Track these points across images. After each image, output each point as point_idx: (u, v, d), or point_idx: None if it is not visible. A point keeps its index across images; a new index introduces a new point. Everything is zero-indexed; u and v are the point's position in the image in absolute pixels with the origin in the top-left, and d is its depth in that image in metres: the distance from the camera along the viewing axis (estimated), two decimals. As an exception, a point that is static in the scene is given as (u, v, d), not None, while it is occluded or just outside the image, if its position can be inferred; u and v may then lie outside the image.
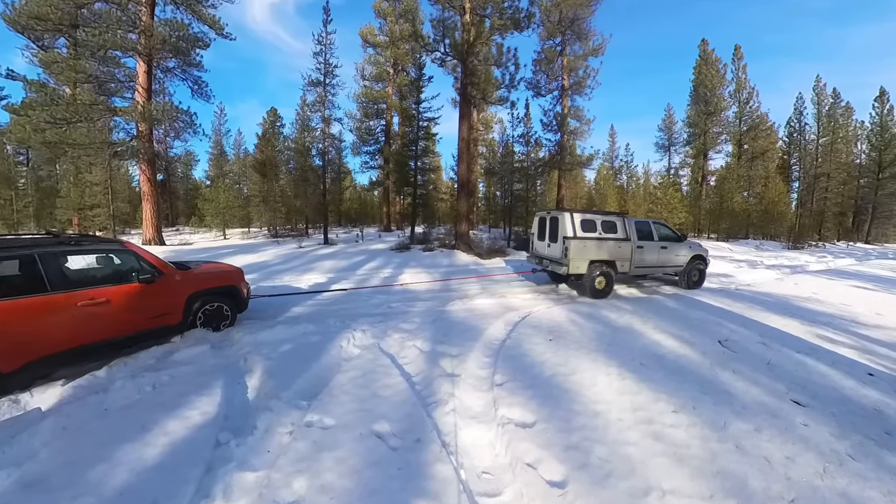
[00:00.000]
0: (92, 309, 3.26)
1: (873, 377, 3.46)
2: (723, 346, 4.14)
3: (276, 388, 3.01)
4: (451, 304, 6.03)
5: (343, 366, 3.45)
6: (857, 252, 22.18)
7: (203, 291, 4.26)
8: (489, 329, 4.65)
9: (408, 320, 4.95)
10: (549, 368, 3.47)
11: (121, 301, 3.48)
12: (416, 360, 3.64)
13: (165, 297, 3.87)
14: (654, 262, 7.75)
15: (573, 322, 5.01)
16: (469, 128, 14.38)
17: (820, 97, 31.26)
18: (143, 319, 3.69)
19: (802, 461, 2.23)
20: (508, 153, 20.68)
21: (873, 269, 12.22)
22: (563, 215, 6.96)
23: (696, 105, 28.65)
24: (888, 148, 31.35)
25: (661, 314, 5.51)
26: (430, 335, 4.33)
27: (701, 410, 2.75)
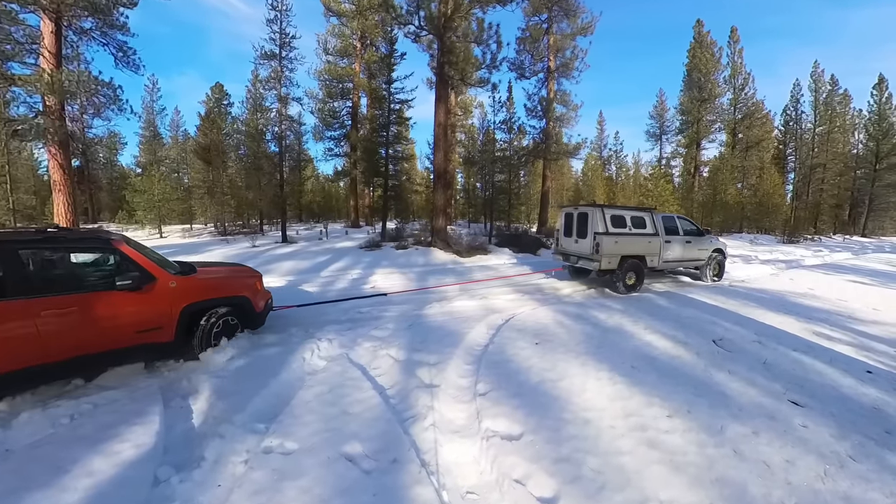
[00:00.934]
0: (57, 320, 2.94)
1: (872, 375, 3.68)
2: (717, 346, 4.33)
3: (228, 410, 2.87)
4: (428, 308, 6.03)
5: (307, 381, 3.36)
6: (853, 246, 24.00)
7: (206, 303, 3.87)
8: (470, 334, 4.68)
9: (380, 327, 4.92)
10: (536, 375, 3.50)
11: (95, 311, 3.14)
12: (391, 370, 3.61)
13: (155, 308, 3.48)
14: (680, 256, 8.65)
15: (560, 324, 5.11)
16: (446, 112, 14.35)
17: (818, 84, 33.28)
18: (128, 333, 3.33)
19: (803, 464, 2.34)
20: (489, 141, 20.84)
21: (870, 263, 13.15)
22: (593, 211, 7.60)
23: (689, 91, 29.89)
24: (886, 137, 33.80)
25: (653, 313, 5.71)
26: (405, 342, 4.31)
27: (696, 414, 2.85)
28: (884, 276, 9.91)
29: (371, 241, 14.32)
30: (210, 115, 23.29)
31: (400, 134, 20.32)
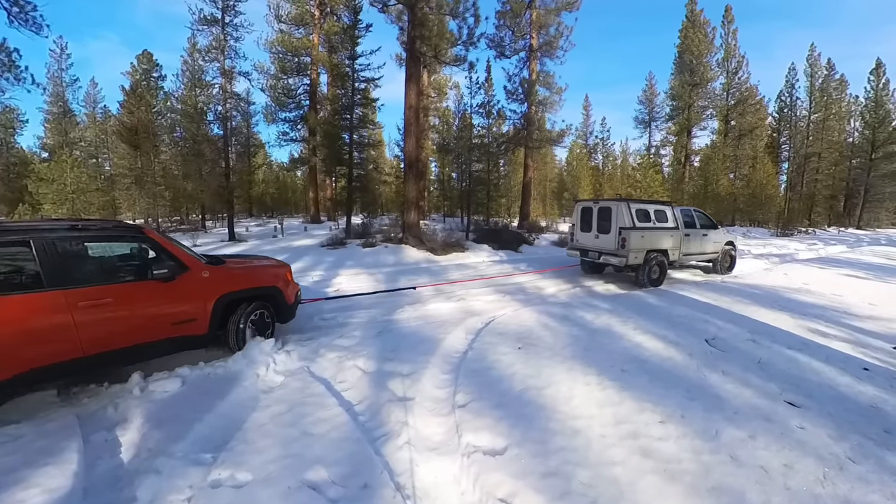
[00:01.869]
0: (97, 312, 3.18)
1: (869, 372, 3.90)
2: (710, 346, 4.53)
3: (166, 440, 2.73)
4: (399, 312, 6.05)
5: (262, 400, 3.27)
6: (848, 238, 25.76)
7: (238, 294, 4.14)
8: (447, 339, 4.69)
9: (346, 334, 4.89)
10: (520, 382, 3.54)
11: (132, 302, 3.39)
12: (359, 383, 3.57)
13: (189, 299, 3.75)
14: (698, 249, 9.61)
15: (545, 326, 5.20)
16: (418, 93, 14.27)
17: (813, 68, 35.31)
18: (164, 325, 3.58)
19: (801, 468, 2.46)
20: (466, 126, 20.94)
21: (865, 256, 14.15)
22: (618, 205, 8.24)
23: (680, 75, 31.13)
24: (882, 125, 36.33)
25: (643, 312, 5.92)
26: (374, 351, 4.28)
27: (690, 419, 2.96)
28: (879, 270, 10.67)
29: (334, 238, 14.09)
30: (137, 89, 21.91)
31: (366, 117, 19.99)
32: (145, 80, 23.30)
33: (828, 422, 2.97)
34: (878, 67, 37.03)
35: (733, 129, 31.87)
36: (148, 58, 24.11)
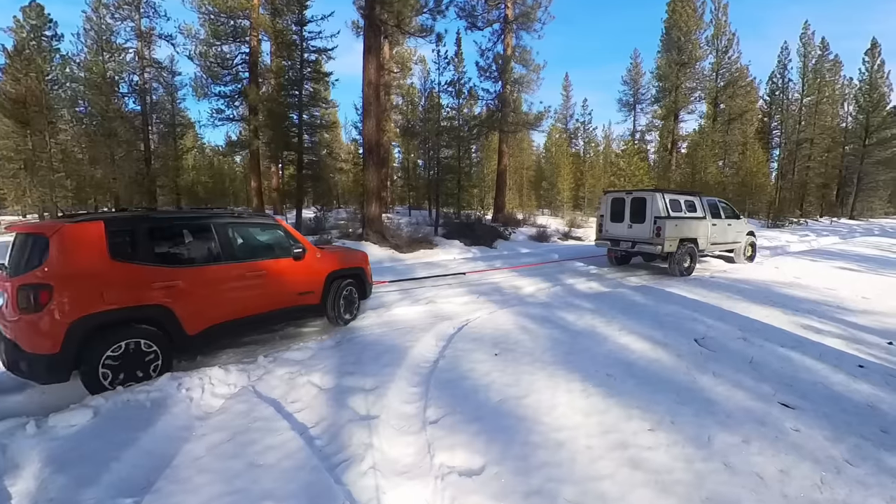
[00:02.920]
0: (254, 281, 4.63)
1: (864, 369, 4.16)
2: (700, 346, 4.76)
3: (74, 485, 2.52)
4: (360, 318, 6.04)
5: (197, 428, 3.15)
6: (841, 229, 27.68)
7: (340, 272, 5.67)
8: (416, 347, 4.70)
9: (297, 346, 4.84)
10: (497, 392, 3.58)
11: (277, 275, 4.90)
12: (314, 402, 3.52)
13: (310, 275, 5.28)
14: (724, 239, 11.00)
15: (523, 329, 5.30)
16: (378, 68, 14.09)
17: (807, 48, 37.29)
18: (293, 295, 5.10)
19: (798, 473, 2.61)
20: (433, 107, 20.88)
21: (858, 247, 15.22)
22: (652, 196, 9.53)
23: (667, 53, 32.20)
24: (876, 109, 38.92)
25: (628, 311, 6.15)
26: (332, 364, 4.24)
27: (681, 425, 3.09)
28: (873, 262, 11.51)
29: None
30: (23, 50, 19.97)
31: (317, 94, 19.53)
32: (35, 40, 21.48)
33: (823, 423, 3.17)
34: (873, 48, 39.58)
35: (723, 112, 33.36)
36: (38, 11, 22.27)
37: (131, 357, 3.77)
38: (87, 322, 3.54)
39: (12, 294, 3.52)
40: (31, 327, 3.44)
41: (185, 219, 4.53)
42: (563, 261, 12.13)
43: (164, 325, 3.95)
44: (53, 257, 3.52)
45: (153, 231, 4.13)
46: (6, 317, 3.66)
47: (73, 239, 3.63)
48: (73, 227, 3.67)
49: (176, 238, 4.36)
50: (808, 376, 4.00)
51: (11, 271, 3.77)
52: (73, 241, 3.63)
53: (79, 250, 3.63)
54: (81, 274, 3.59)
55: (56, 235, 3.58)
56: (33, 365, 3.47)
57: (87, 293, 3.58)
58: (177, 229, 4.39)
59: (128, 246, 3.90)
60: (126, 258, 3.84)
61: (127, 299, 3.76)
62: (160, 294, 3.94)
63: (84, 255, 3.65)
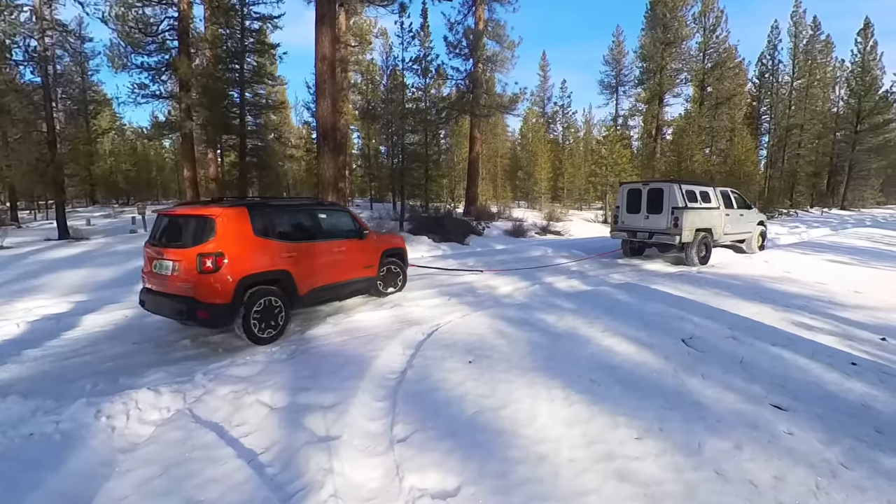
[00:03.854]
0: (338, 255, 6.51)
1: (857, 367, 4.36)
2: (687, 346, 4.92)
3: None
4: (316, 327, 6.03)
5: (120, 463, 3.04)
6: (832, 220, 29.10)
7: (389, 251, 7.56)
8: (381, 357, 4.69)
9: (242, 359, 4.76)
10: (472, 404, 3.60)
11: (351, 251, 6.74)
12: (265, 424, 3.46)
13: (371, 252, 7.11)
14: (736, 229, 12.23)
15: (500, 333, 5.35)
16: (333, 40, 13.84)
17: (798, 27, 38.94)
18: (361, 268, 6.90)
19: (792, 479, 2.72)
20: (397, 86, 20.73)
21: (850, 239, 15.96)
22: (669, 187, 10.55)
23: (652, 31, 32.97)
24: (868, 93, 40.78)
25: (612, 311, 6.30)
26: (284, 379, 4.19)
27: (669, 432, 3.19)
28: (864, 254, 12.13)
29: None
30: None
31: (262, 69, 18.99)
32: None
33: (817, 425, 3.33)
34: (865, 28, 41.43)
35: (710, 96, 34.52)
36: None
37: (268, 311, 5.37)
38: (245, 281, 5.17)
39: (193, 260, 4.98)
40: (209, 285, 4.96)
41: (292, 205, 6.62)
42: (581, 259, 12.27)
43: (286, 286, 5.63)
44: (220, 233, 5.10)
45: (276, 215, 5.94)
46: (179, 280, 5.11)
47: (232, 219, 5.27)
48: (231, 210, 5.35)
49: (289, 220, 6.16)
50: (800, 376, 4.19)
51: (181, 244, 5.25)
52: (232, 221, 5.26)
53: (236, 228, 5.27)
54: (239, 244, 5.23)
55: (221, 216, 5.18)
56: (213, 312, 4.97)
57: (244, 259, 5.23)
58: (288, 213, 6.24)
59: (261, 225, 5.55)
60: (261, 234, 5.51)
61: (266, 265, 5.47)
62: (285, 262, 5.64)
63: (239, 232, 5.29)
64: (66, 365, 4.84)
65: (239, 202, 5.74)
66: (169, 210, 5.87)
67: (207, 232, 5.11)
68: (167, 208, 6.09)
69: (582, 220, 24.10)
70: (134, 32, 18.97)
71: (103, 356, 5.10)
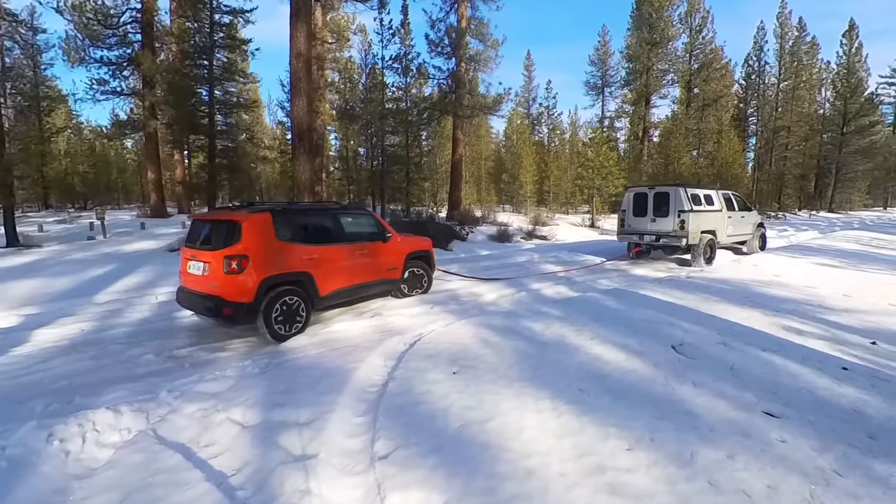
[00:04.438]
0: (360, 258, 7.02)
1: (848, 372, 4.48)
2: (677, 353, 5.01)
3: None
4: (291, 339, 5.99)
5: (75, 490, 2.96)
6: (820, 222, 29.89)
7: (414, 253, 8.05)
8: (360, 370, 4.67)
9: (211, 375, 4.66)
10: (457, 417, 3.60)
11: (374, 254, 7.26)
12: (236, 444, 3.41)
13: (395, 255, 7.64)
14: (738, 230, 13.17)
15: (485, 342, 5.37)
16: (309, 36, 13.82)
17: (784, 28, 40.54)
18: (384, 271, 7.43)
19: (786, 488, 2.78)
20: (376, 85, 20.77)
21: (838, 242, 16.59)
22: (675, 190, 11.30)
23: (638, 31, 33.89)
24: (854, 95, 42.57)
25: (600, 318, 6.38)
26: (257, 395, 4.13)
27: (661, 442, 3.23)
28: (853, 257, 12.58)
29: (191, 238, 13.12)
30: None
31: (233, 65, 18.82)
32: None
33: (809, 432, 3.40)
34: (850, 29, 43.47)
35: (696, 97, 35.51)
36: None
37: (289, 310, 5.95)
38: (267, 282, 5.72)
39: (220, 261, 5.61)
40: (235, 284, 5.56)
41: (314, 210, 7.18)
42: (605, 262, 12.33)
43: (307, 287, 6.19)
44: (245, 236, 5.67)
45: (297, 219, 6.53)
46: (209, 279, 5.77)
47: (256, 223, 5.85)
48: (256, 216, 5.92)
49: (311, 224, 6.74)
50: (791, 381, 4.28)
51: (212, 247, 5.87)
52: (256, 225, 5.84)
53: (260, 232, 5.84)
54: (262, 248, 5.79)
55: (246, 221, 5.77)
56: (236, 310, 5.54)
57: (267, 262, 5.78)
58: (310, 217, 6.84)
59: (284, 229, 6.14)
60: (284, 238, 6.08)
61: (288, 267, 6.01)
62: (306, 264, 6.19)
63: (263, 236, 5.86)
64: (15, 384, 4.70)
65: (263, 208, 6.30)
66: (203, 216, 7.03)
67: (234, 236, 5.74)
68: (202, 214, 7.57)
69: (568, 225, 24.35)
70: (93, 24, 18.62)
71: (57, 374, 4.96)
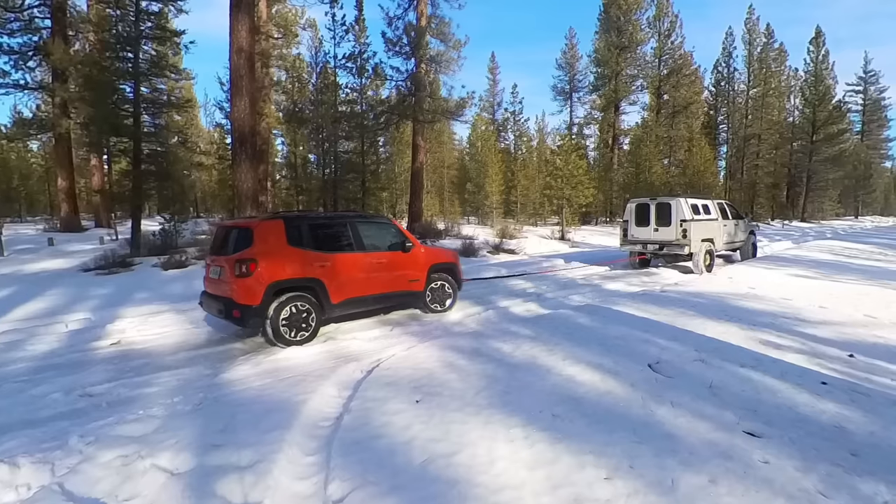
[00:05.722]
0: (377, 267, 7.59)
1: (827, 386, 4.71)
2: (654, 372, 5.16)
3: None
4: (231, 368, 5.82)
5: None
6: (793, 232, 31.81)
7: (438, 265, 8.48)
8: (311, 401, 4.60)
9: (133, 414, 4.44)
10: (421, 451, 3.57)
11: (394, 264, 7.81)
12: (163, 496, 3.25)
13: (416, 266, 8.12)
14: (733, 238, 15.04)
15: (451, 366, 5.38)
16: (252, 30, 13.69)
17: (752, 34, 43.27)
18: (405, 282, 7.95)
19: (772, 512, 2.87)
20: (328, 86, 20.70)
21: (812, 252, 17.85)
22: (676, 201, 12.94)
23: (606, 34, 35.33)
24: (822, 103, 45.58)
25: (572, 336, 6.53)
26: (189, 436, 3.94)
27: (641, 469, 3.28)
28: (827, 267, 13.46)
29: (109, 256, 12.63)
30: None
31: (163, 59, 18.14)
32: None
33: (792, 451, 3.53)
34: (817, 37, 46.87)
35: (666, 104, 37.26)
36: None
37: (297, 316, 6.55)
38: (275, 286, 6.39)
39: (231, 265, 6.37)
40: (243, 287, 6.26)
41: (330, 218, 7.86)
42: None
43: (317, 293, 6.77)
44: (256, 242, 6.48)
45: (311, 227, 7.15)
46: (223, 282, 6.60)
47: (266, 230, 6.68)
48: (266, 223, 6.82)
49: (325, 232, 7.33)
50: (771, 398, 4.46)
51: (227, 251, 6.81)
52: (266, 232, 6.64)
53: (270, 238, 6.61)
54: (272, 253, 6.51)
55: (258, 227, 6.63)
56: (244, 312, 6.23)
57: (275, 266, 6.47)
58: (324, 225, 7.44)
59: (296, 235, 6.85)
60: (295, 244, 6.80)
61: (297, 272, 6.68)
62: (317, 271, 6.80)
63: (273, 241, 6.61)
64: None
65: (277, 215, 7.26)
66: (224, 223, 8.16)
67: (246, 241, 6.57)
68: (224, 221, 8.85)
69: (538, 237, 24.70)
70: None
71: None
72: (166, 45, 18.56)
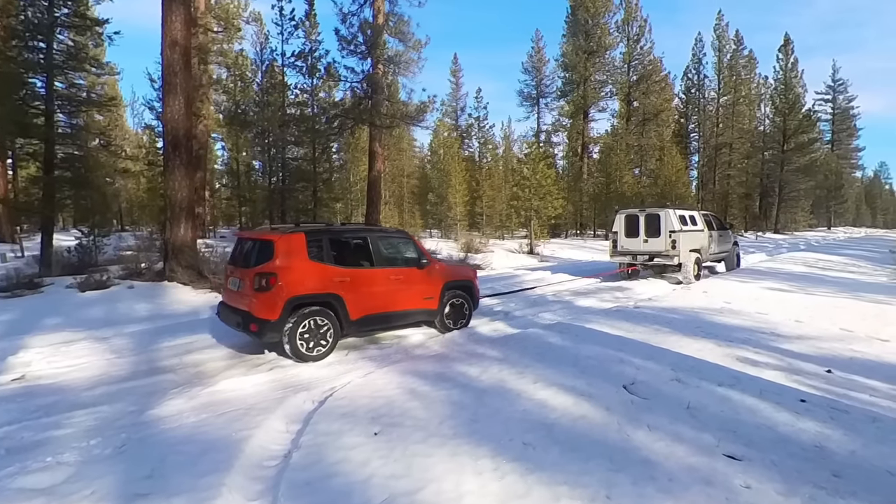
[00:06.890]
0: (394, 284, 8.05)
1: (806, 403, 4.93)
2: (630, 393, 5.26)
3: None
4: (161, 403, 5.49)
5: None
6: (767, 244, 33.36)
7: (453, 283, 8.83)
8: (255, 438, 4.50)
9: (39, 463, 4.14)
10: (381, 489, 3.53)
11: (409, 280, 8.24)
12: None
13: (431, 283, 8.45)
14: (719, 248, 16.62)
15: (412, 393, 5.38)
16: (188, 22, 13.50)
17: (721, 41, 45.64)
18: (420, 299, 8.32)
19: (755, 540, 2.95)
20: (276, 86, 20.52)
21: (786, 264, 19.09)
22: (665, 212, 14.25)
23: (574, 38, 36.49)
24: (792, 111, 48.28)
25: (544, 357, 6.62)
26: (109, 485, 3.75)
27: (618, 499, 3.33)
28: (802, 280, 14.30)
29: (13, 275, 12.12)
30: None
31: (82, 51, 17.63)
32: None
33: (773, 474, 3.65)
34: (786, 44, 49.76)
35: (637, 111, 38.68)
36: None
37: (315, 331, 6.90)
38: (294, 301, 6.74)
39: (251, 278, 6.80)
40: (262, 301, 6.64)
41: (351, 231, 8.69)
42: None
43: (336, 309, 7.11)
44: (278, 255, 6.85)
45: (332, 241, 7.61)
46: (242, 295, 7.08)
47: (288, 243, 7.02)
48: (288, 236, 7.09)
49: (344, 246, 8.17)
50: (750, 418, 4.61)
51: (246, 264, 7.29)
52: (288, 245, 7.00)
53: (292, 251, 6.98)
54: (293, 267, 6.89)
55: (279, 241, 6.97)
56: (261, 326, 6.57)
57: (295, 281, 6.85)
58: (345, 239, 8.29)
59: (316, 250, 7.23)
60: (315, 258, 7.17)
61: (317, 287, 7.04)
62: (336, 286, 7.17)
63: (294, 256, 6.97)
64: None
65: (298, 228, 7.57)
66: (245, 234, 8.68)
67: (267, 255, 6.95)
68: (245, 233, 9.42)
69: (504, 251, 25.00)
70: None
71: None
72: (86, 35, 18.04)
